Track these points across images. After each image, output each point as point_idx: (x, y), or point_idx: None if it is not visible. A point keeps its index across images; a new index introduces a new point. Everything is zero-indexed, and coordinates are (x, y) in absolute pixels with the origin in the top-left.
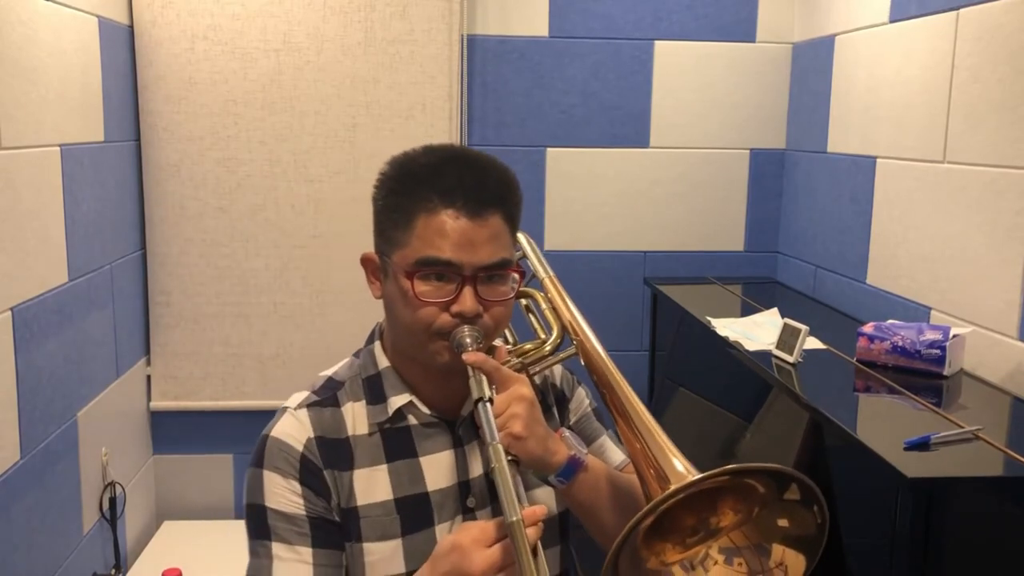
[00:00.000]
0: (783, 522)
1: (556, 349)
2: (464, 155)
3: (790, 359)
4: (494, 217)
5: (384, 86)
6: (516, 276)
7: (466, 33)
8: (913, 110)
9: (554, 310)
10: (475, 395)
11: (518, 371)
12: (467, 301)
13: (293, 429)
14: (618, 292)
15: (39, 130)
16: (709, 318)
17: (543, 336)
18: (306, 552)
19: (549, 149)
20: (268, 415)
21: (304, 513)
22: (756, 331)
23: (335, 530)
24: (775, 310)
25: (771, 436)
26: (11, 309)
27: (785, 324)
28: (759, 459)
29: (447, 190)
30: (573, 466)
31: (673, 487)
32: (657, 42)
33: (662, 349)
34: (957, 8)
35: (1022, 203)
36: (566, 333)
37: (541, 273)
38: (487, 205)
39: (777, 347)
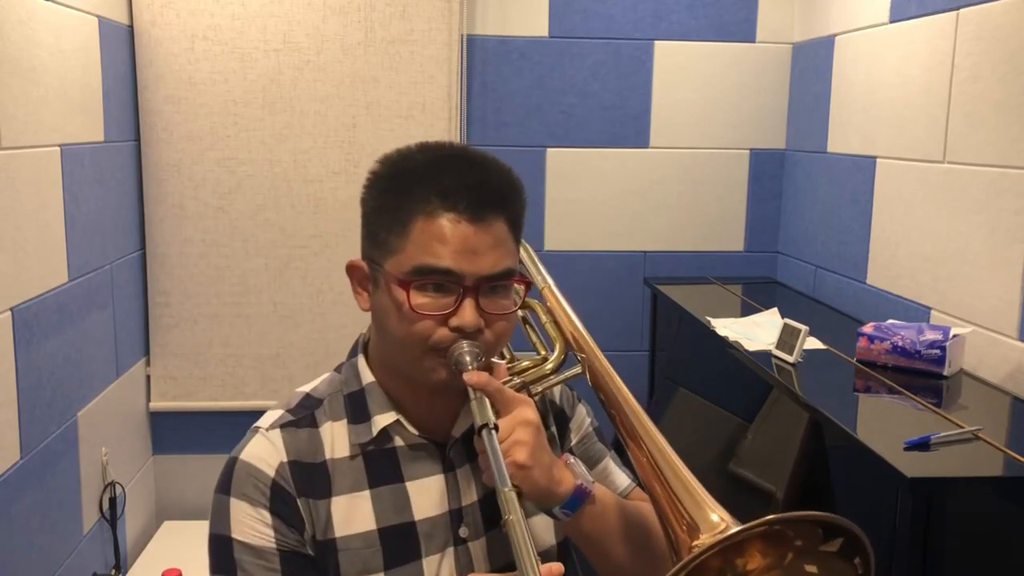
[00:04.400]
0: (813, 568)
1: (559, 367)
2: (464, 154)
3: (790, 359)
4: (498, 222)
5: (384, 86)
6: (519, 288)
7: (466, 33)
8: (913, 110)
9: (555, 322)
10: (478, 421)
11: (518, 391)
12: (468, 314)
13: (264, 452)
14: (618, 292)
15: (39, 130)
16: (709, 318)
17: (543, 352)
18: None
19: (549, 149)
20: None
21: (274, 546)
22: (756, 331)
23: (308, 564)
24: (775, 310)
25: (771, 436)
26: (11, 309)
27: (785, 324)
28: (760, 461)
29: (447, 191)
30: (580, 497)
31: (707, 541)
32: (657, 42)
33: (662, 349)
34: (957, 8)
35: (1022, 203)
36: (569, 348)
37: (540, 282)
38: (490, 209)
39: (777, 347)
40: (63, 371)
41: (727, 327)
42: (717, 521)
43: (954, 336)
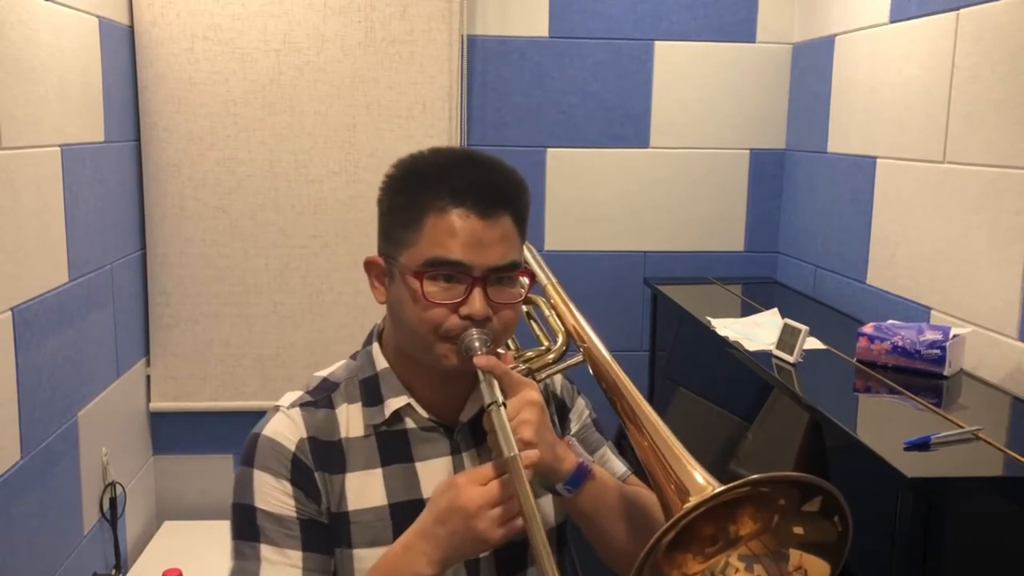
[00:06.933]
0: (799, 530)
1: (560, 356)
2: (473, 156)
3: (790, 359)
4: (504, 218)
5: (384, 86)
6: (524, 280)
7: (466, 33)
8: (913, 110)
9: (558, 316)
10: (487, 399)
11: (524, 375)
12: (476, 303)
13: (285, 428)
14: (618, 292)
15: (39, 130)
16: (709, 318)
17: (546, 343)
18: (295, 555)
19: (549, 149)
20: None
21: (294, 515)
22: (756, 331)
23: (325, 533)
24: (775, 310)
25: (771, 436)
26: (11, 309)
27: (785, 324)
28: (760, 461)
29: (457, 190)
30: (581, 474)
31: (695, 501)
32: (657, 42)
33: (662, 349)
34: (957, 8)
35: (1022, 203)
36: (571, 340)
37: (543, 279)
38: (497, 205)
39: (777, 347)
40: (63, 371)
41: (727, 327)
42: (703, 484)
43: (954, 336)
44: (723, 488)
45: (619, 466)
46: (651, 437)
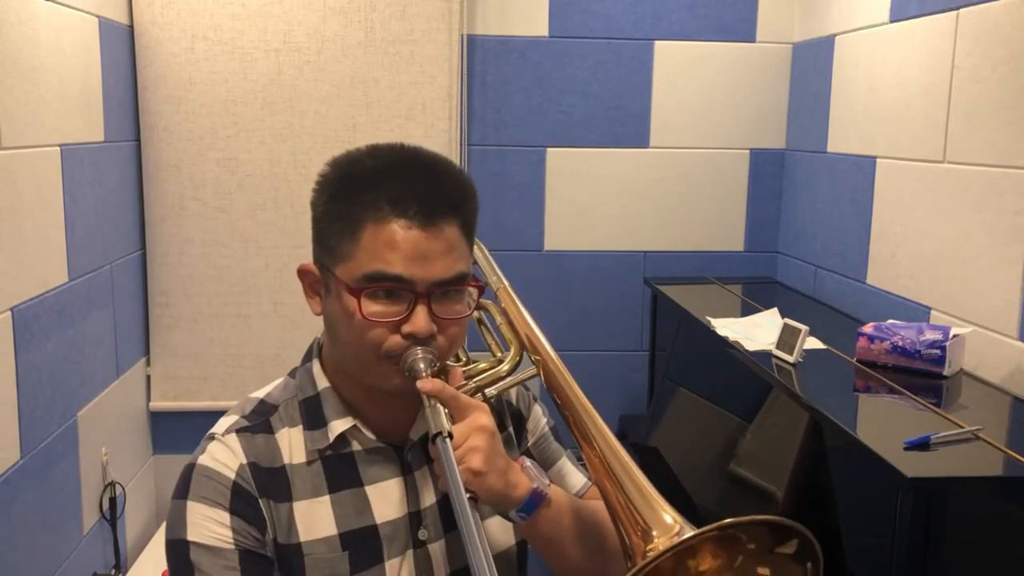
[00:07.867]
0: (764, 571)
1: (514, 368)
2: (415, 157)
3: (790, 359)
4: (450, 227)
5: (384, 86)
6: (473, 291)
7: (466, 33)
8: (913, 110)
9: (510, 324)
10: (432, 430)
11: (472, 394)
12: (420, 321)
13: (222, 456)
14: (618, 292)
15: (39, 130)
16: (709, 318)
17: (499, 354)
18: None
19: (549, 149)
20: None
21: (232, 546)
22: (756, 331)
23: (267, 566)
24: (775, 310)
25: (771, 436)
26: (11, 309)
27: (785, 324)
28: (760, 461)
29: (397, 197)
30: (535, 500)
31: (662, 547)
32: (657, 42)
33: (662, 349)
34: (957, 8)
35: (1022, 203)
36: (524, 350)
37: (495, 282)
38: (442, 213)
39: (777, 347)
40: (63, 371)
41: (727, 327)
42: (671, 523)
43: (954, 336)
44: (693, 533)
45: (578, 478)
46: (607, 459)
